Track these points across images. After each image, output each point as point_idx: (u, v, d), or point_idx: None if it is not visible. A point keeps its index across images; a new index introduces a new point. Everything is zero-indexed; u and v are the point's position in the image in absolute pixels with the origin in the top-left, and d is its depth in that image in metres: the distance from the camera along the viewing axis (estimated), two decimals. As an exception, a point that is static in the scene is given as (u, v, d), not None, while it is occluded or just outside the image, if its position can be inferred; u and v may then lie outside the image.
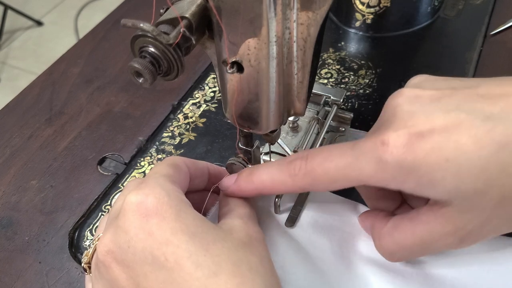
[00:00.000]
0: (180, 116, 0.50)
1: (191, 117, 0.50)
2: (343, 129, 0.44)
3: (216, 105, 0.51)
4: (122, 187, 0.45)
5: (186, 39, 0.25)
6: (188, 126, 0.49)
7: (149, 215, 0.26)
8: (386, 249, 0.30)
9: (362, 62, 0.53)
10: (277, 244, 0.34)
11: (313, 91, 0.39)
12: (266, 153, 0.39)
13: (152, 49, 0.25)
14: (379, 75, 0.52)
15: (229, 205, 0.32)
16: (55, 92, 0.55)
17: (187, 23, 0.25)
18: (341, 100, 0.42)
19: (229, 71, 0.27)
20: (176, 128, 0.49)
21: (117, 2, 0.70)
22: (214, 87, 0.53)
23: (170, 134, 0.48)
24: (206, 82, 0.54)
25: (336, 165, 0.27)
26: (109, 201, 0.44)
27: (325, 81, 0.52)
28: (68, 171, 0.47)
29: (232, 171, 0.34)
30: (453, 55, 0.53)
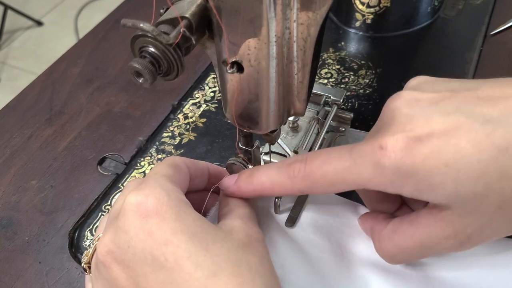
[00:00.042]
0: (180, 116, 0.50)
1: (191, 117, 0.50)
2: (343, 129, 0.44)
3: (216, 105, 0.51)
4: (122, 187, 0.45)
5: (186, 39, 0.25)
6: (188, 126, 0.49)
7: (149, 216, 0.26)
8: (386, 252, 0.30)
9: (362, 62, 0.53)
10: (277, 244, 0.34)
11: (313, 91, 0.39)
12: (266, 153, 0.39)
13: (152, 49, 0.25)
14: (379, 75, 0.52)
15: (229, 206, 0.32)
16: (55, 92, 0.55)
17: (187, 23, 0.25)
18: (341, 100, 0.42)
19: (229, 71, 0.27)
20: (176, 128, 0.49)
21: (117, 2, 0.70)
22: (214, 87, 0.53)
23: (170, 134, 0.48)
24: (206, 82, 0.54)
25: (334, 169, 0.27)
26: (109, 201, 0.44)
27: (325, 81, 0.52)
28: (68, 171, 0.47)
29: (232, 171, 0.34)
30: (453, 55, 0.53)
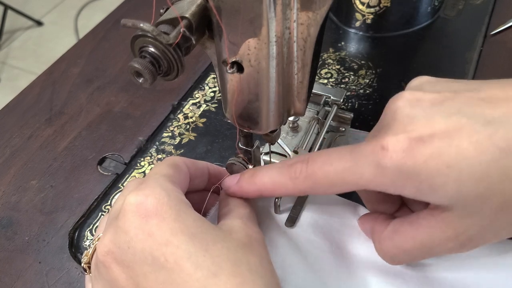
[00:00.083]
0: (180, 116, 0.50)
1: (191, 117, 0.50)
2: (343, 129, 0.44)
3: (216, 105, 0.51)
4: (122, 187, 0.45)
5: (186, 39, 0.25)
6: (188, 126, 0.49)
7: (149, 216, 0.26)
8: (386, 253, 0.30)
9: (362, 62, 0.53)
10: (277, 244, 0.34)
11: (313, 91, 0.39)
12: (266, 153, 0.39)
13: (152, 49, 0.25)
14: (379, 75, 0.52)
15: (229, 206, 0.32)
16: (55, 92, 0.55)
17: (187, 23, 0.25)
18: (341, 100, 0.42)
19: (229, 71, 0.27)
20: (176, 128, 0.49)
21: (117, 2, 0.70)
22: (214, 87, 0.53)
23: (170, 134, 0.48)
24: (206, 82, 0.54)
25: (336, 169, 0.27)
26: (109, 201, 0.44)
27: (325, 81, 0.52)
28: (68, 171, 0.47)
29: (232, 171, 0.34)
30: (453, 55, 0.53)
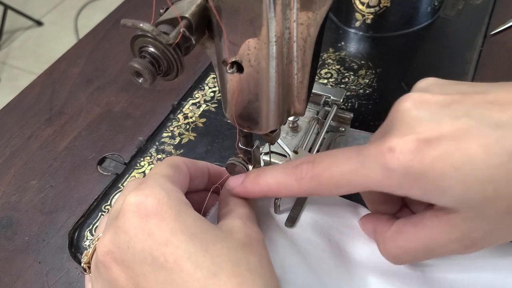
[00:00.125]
0: (180, 116, 0.50)
1: (191, 117, 0.50)
2: (343, 129, 0.44)
3: (216, 105, 0.51)
4: (122, 187, 0.45)
5: (186, 39, 0.25)
6: (188, 126, 0.49)
7: (148, 216, 0.26)
8: (389, 253, 0.30)
9: (362, 62, 0.53)
10: (277, 244, 0.34)
11: (313, 91, 0.39)
12: (266, 153, 0.39)
13: (152, 49, 0.25)
14: (379, 75, 0.52)
15: (229, 206, 0.32)
16: (55, 92, 0.55)
17: (187, 23, 0.25)
18: (341, 100, 0.42)
19: (229, 71, 0.27)
20: (176, 128, 0.49)
21: (117, 2, 0.70)
22: (214, 87, 0.53)
23: (170, 134, 0.48)
24: (206, 82, 0.54)
25: (342, 171, 0.27)
26: (109, 201, 0.44)
27: (325, 81, 0.52)
28: (68, 171, 0.47)
29: (232, 171, 0.34)
30: (453, 55, 0.53)
